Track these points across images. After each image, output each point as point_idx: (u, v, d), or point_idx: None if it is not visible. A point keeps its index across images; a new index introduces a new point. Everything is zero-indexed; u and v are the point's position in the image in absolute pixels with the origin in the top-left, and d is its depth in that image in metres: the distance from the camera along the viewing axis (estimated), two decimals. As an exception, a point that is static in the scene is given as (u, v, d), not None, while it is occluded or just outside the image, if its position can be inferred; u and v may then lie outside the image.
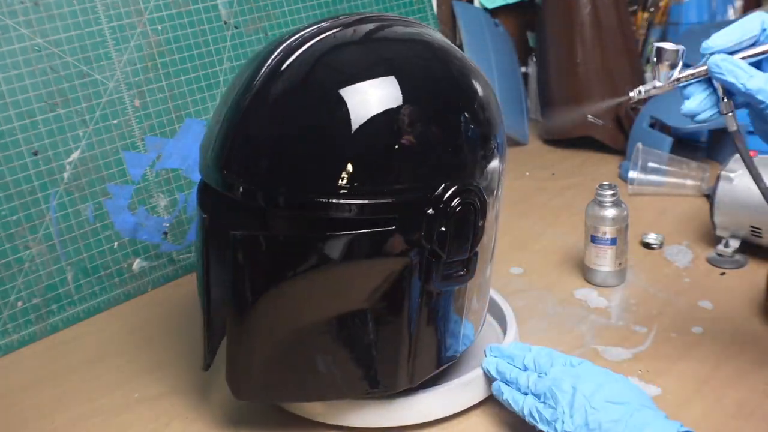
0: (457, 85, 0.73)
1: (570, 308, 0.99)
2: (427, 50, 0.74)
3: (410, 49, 0.74)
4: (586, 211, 1.02)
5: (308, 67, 0.70)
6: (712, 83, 0.72)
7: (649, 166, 1.28)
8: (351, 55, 0.72)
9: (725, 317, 0.94)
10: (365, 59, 0.72)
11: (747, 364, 0.85)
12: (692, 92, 0.73)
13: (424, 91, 0.71)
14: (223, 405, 0.83)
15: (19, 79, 0.96)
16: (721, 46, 0.70)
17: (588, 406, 0.68)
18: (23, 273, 0.97)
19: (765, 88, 0.68)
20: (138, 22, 1.07)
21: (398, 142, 0.67)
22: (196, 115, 1.12)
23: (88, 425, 0.82)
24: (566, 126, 1.50)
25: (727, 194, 1.05)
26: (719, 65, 0.70)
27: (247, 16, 1.18)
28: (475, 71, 0.76)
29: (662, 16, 1.66)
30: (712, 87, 0.72)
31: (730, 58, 0.69)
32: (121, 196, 1.05)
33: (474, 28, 1.51)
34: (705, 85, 0.73)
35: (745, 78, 0.69)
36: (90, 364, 0.92)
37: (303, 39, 0.71)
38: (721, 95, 0.72)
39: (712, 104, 0.73)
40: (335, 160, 0.67)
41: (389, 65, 0.71)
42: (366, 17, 0.74)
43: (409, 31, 0.75)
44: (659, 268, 1.07)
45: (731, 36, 0.70)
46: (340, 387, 0.75)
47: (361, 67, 0.70)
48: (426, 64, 0.73)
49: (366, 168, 0.67)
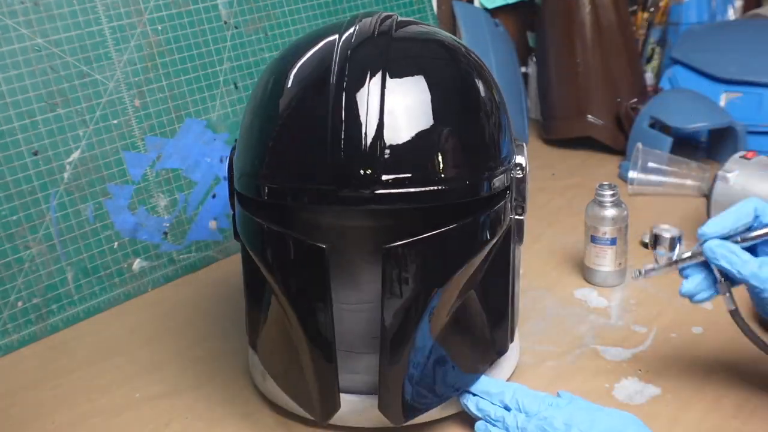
0: (484, 64, 0.79)
1: (570, 308, 0.99)
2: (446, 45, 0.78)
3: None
4: (586, 211, 1.02)
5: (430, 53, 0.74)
6: (708, 266, 0.75)
7: (649, 166, 1.28)
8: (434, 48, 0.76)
9: (725, 317, 0.93)
10: (439, 52, 0.76)
11: (747, 364, 0.85)
12: (690, 273, 0.76)
13: (485, 76, 0.77)
14: (223, 405, 0.83)
15: (19, 79, 0.96)
16: (715, 233, 0.73)
17: None
18: (23, 273, 0.97)
19: (759, 274, 0.71)
20: (138, 22, 1.07)
21: (496, 120, 0.74)
22: (196, 115, 1.12)
23: (88, 425, 0.82)
24: (566, 126, 1.50)
25: (723, 194, 1.06)
26: (714, 251, 0.73)
27: (247, 16, 1.18)
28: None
29: (662, 16, 1.66)
30: (710, 268, 0.76)
31: (725, 244, 0.73)
32: (121, 196, 1.05)
33: (474, 28, 1.51)
34: (702, 267, 0.76)
35: (739, 264, 0.72)
36: (90, 364, 0.92)
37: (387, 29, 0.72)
38: (719, 277, 0.75)
39: (709, 285, 0.76)
40: (489, 144, 0.72)
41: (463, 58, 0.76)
42: (389, 16, 0.76)
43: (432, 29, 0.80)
44: (659, 268, 1.07)
45: (725, 223, 0.73)
46: (476, 367, 0.77)
47: (447, 57, 0.75)
48: (460, 59, 0.76)
49: (495, 147, 0.73)
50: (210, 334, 0.96)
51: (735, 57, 1.45)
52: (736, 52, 1.46)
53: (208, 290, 1.07)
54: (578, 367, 0.87)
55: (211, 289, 1.08)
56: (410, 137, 0.67)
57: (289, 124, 0.70)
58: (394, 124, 0.66)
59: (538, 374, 0.86)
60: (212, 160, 1.14)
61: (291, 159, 0.69)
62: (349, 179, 0.66)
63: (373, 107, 0.66)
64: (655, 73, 1.65)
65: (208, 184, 1.13)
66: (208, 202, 1.13)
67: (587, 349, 0.90)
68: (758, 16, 1.73)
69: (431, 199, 0.67)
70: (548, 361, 0.88)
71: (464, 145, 0.70)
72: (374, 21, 0.73)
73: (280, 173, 0.69)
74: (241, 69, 1.17)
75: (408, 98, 0.68)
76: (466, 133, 0.70)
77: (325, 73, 0.69)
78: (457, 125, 0.70)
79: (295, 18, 1.24)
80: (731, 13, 1.74)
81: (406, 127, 0.67)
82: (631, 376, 0.84)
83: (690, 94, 1.40)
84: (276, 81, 0.73)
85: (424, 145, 0.67)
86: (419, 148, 0.67)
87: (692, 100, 1.38)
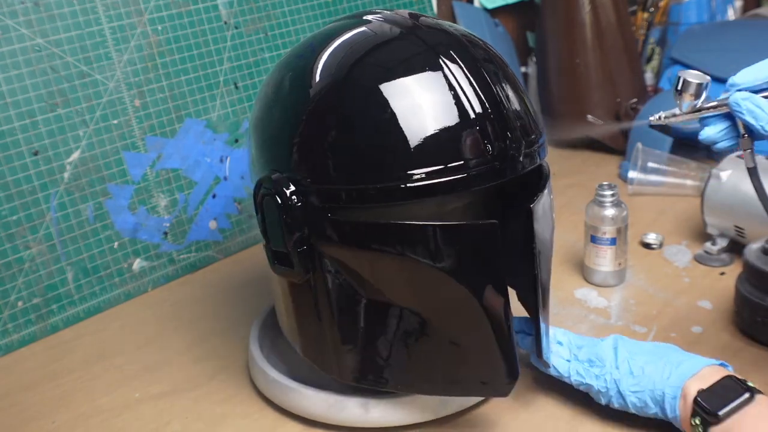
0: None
1: (570, 308, 0.99)
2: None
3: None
4: (586, 211, 1.02)
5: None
6: (732, 117, 0.72)
7: (649, 166, 1.28)
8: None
9: (725, 317, 0.94)
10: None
11: (747, 364, 0.85)
12: (712, 122, 0.73)
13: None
14: (223, 405, 0.83)
15: (20, 79, 0.96)
16: (747, 84, 0.70)
17: (630, 358, 0.74)
18: (23, 273, 0.97)
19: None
20: (138, 22, 1.07)
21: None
22: (196, 115, 1.12)
23: (88, 425, 0.82)
24: (566, 126, 1.50)
25: (716, 193, 1.06)
26: (740, 104, 0.69)
27: (247, 16, 1.18)
28: None
29: (662, 16, 1.66)
30: (733, 121, 0.72)
31: (753, 97, 0.69)
32: (121, 196, 1.05)
33: (474, 28, 1.51)
34: (726, 118, 0.73)
35: (764, 120, 0.68)
36: (90, 364, 0.92)
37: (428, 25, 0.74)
38: (742, 131, 0.71)
39: (731, 135, 0.73)
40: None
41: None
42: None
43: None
44: (659, 268, 1.07)
45: (758, 75, 0.70)
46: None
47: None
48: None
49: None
50: (210, 334, 0.96)
51: (735, 57, 1.44)
52: (736, 52, 1.46)
53: (208, 290, 1.07)
54: (578, 367, 0.87)
55: (211, 289, 1.08)
56: (519, 105, 0.71)
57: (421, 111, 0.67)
58: (507, 96, 0.71)
59: (537, 374, 0.86)
60: (212, 160, 1.14)
61: (439, 141, 0.66)
62: (518, 145, 0.69)
63: (493, 81, 0.70)
64: (655, 73, 1.65)
65: (208, 184, 1.14)
66: (208, 202, 1.14)
67: (587, 349, 0.90)
68: (758, 16, 1.73)
69: (545, 152, 0.74)
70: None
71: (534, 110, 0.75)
72: (402, 15, 0.74)
73: (428, 158, 0.66)
74: (241, 69, 1.17)
75: (500, 73, 0.72)
76: (528, 101, 0.74)
77: (429, 62, 0.69)
78: (524, 94, 0.74)
79: (295, 18, 1.24)
80: (731, 13, 1.74)
81: (513, 97, 0.71)
82: (631, 376, 0.84)
83: (690, 94, 1.40)
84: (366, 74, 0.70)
85: (526, 110, 0.72)
86: (526, 112, 0.72)
87: (692, 100, 1.38)
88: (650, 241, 1.12)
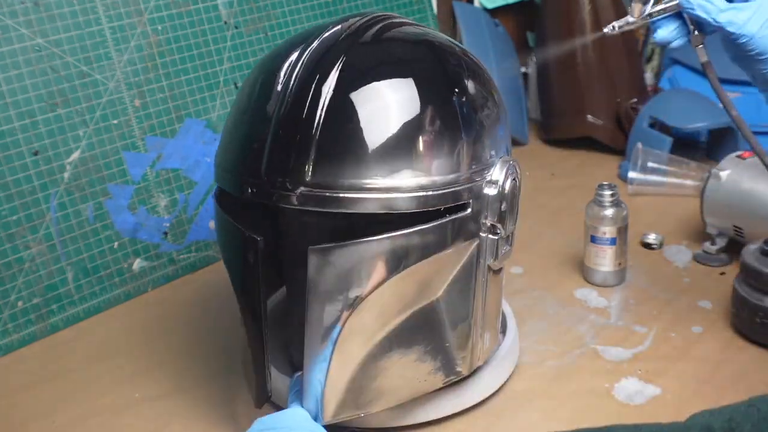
0: (484, 72, 0.78)
1: (570, 308, 0.99)
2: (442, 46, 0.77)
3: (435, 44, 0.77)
4: (585, 211, 1.02)
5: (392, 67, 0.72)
6: (683, 16, 0.76)
7: (649, 166, 1.28)
8: (409, 49, 0.75)
9: (725, 317, 0.94)
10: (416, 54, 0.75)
11: (747, 364, 0.85)
12: (663, 23, 0.77)
13: (464, 84, 0.74)
14: (223, 405, 0.83)
15: (20, 79, 0.96)
16: None
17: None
18: (23, 273, 0.97)
19: (734, 20, 0.72)
20: (138, 22, 1.07)
21: (464, 131, 0.70)
22: (196, 115, 1.12)
23: (88, 425, 0.82)
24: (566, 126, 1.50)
25: (715, 192, 1.06)
26: (690, 0, 0.73)
27: (247, 16, 1.18)
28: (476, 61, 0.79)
29: (662, 16, 1.66)
30: (683, 19, 0.77)
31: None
32: (121, 196, 1.05)
33: (474, 28, 1.51)
34: (676, 17, 0.77)
35: (715, 12, 0.73)
36: (90, 364, 0.92)
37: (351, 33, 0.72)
38: (692, 28, 0.76)
39: (683, 33, 0.77)
40: (428, 156, 0.68)
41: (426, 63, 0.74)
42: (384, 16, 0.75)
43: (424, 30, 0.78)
44: (659, 268, 1.07)
45: None
46: (420, 384, 0.75)
47: (414, 64, 0.73)
48: (448, 60, 0.75)
49: (445, 158, 0.69)
50: (210, 334, 0.96)
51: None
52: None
53: (208, 290, 1.07)
54: (578, 367, 0.87)
55: (211, 289, 1.08)
56: (341, 142, 0.66)
57: (238, 120, 0.73)
58: (329, 128, 0.66)
59: (538, 374, 0.86)
60: (212, 160, 1.14)
61: (231, 153, 0.73)
62: (276, 178, 0.67)
63: (310, 110, 0.67)
64: (655, 73, 1.65)
65: (208, 184, 1.13)
66: (208, 202, 1.13)
67: (587, 349, 0.90)
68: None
69: (355, 206, 0.66)
70: (548, 361, 0.88)
71: (401, 155, 0.67)
72: (355, 23, 0.73)
73: (222, 168, 0.74)
74: (241, 69, 1.17)
75: (349, 104, 0.67)
76: (407, 144, 0.67)
77: (275, 75, 0.71)
78: (398, 136, 0.67)
79: (295, 18, 1.24)
80: (731, 13, 1.73)
81: (337, 132, 0.67)
82: (631, 376, 0.84)
83: (690, 94, 1.40)
84: (248, 81, 0.76)
85: (354, 150, 0.66)
86: (348, 152, 0.66)
87: (692, 100, 1.38)
88: (650, 241, 1.12)
